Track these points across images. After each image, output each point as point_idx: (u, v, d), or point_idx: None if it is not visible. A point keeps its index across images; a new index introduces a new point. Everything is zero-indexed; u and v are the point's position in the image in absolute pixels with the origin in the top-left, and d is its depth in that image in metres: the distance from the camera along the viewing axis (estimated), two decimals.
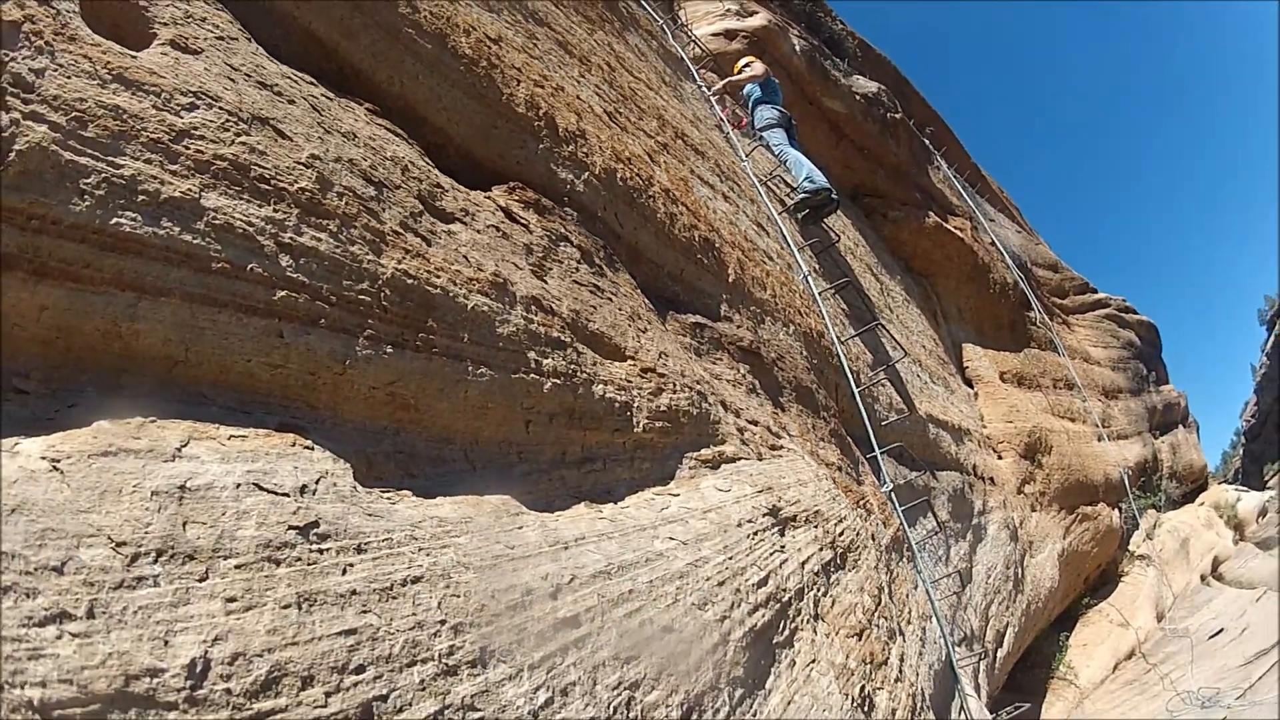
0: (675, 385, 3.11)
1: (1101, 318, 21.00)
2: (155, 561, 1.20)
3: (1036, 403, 11.90)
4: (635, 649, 2.02)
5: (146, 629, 1.13)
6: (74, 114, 1.42)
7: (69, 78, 1.44)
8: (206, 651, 1.16)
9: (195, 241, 1.56)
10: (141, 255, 1.48)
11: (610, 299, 3.15)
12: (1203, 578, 16.64)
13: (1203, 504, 22.05)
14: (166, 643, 1.13)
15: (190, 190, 1.58)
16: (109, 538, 1.17)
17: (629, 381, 2.85)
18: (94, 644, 1.06)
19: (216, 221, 1.61)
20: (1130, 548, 15.51)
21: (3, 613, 1.01)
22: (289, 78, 2.14)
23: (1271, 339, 62.34)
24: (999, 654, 8.43)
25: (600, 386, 2.68)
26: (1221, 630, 12.69)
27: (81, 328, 1.42)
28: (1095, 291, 21.74)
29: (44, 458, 1.22)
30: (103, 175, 1.44)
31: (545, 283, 2.75)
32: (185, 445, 1.41)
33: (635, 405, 2.83)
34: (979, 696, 6.99)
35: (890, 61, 14.25)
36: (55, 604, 1.07)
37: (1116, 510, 14.04)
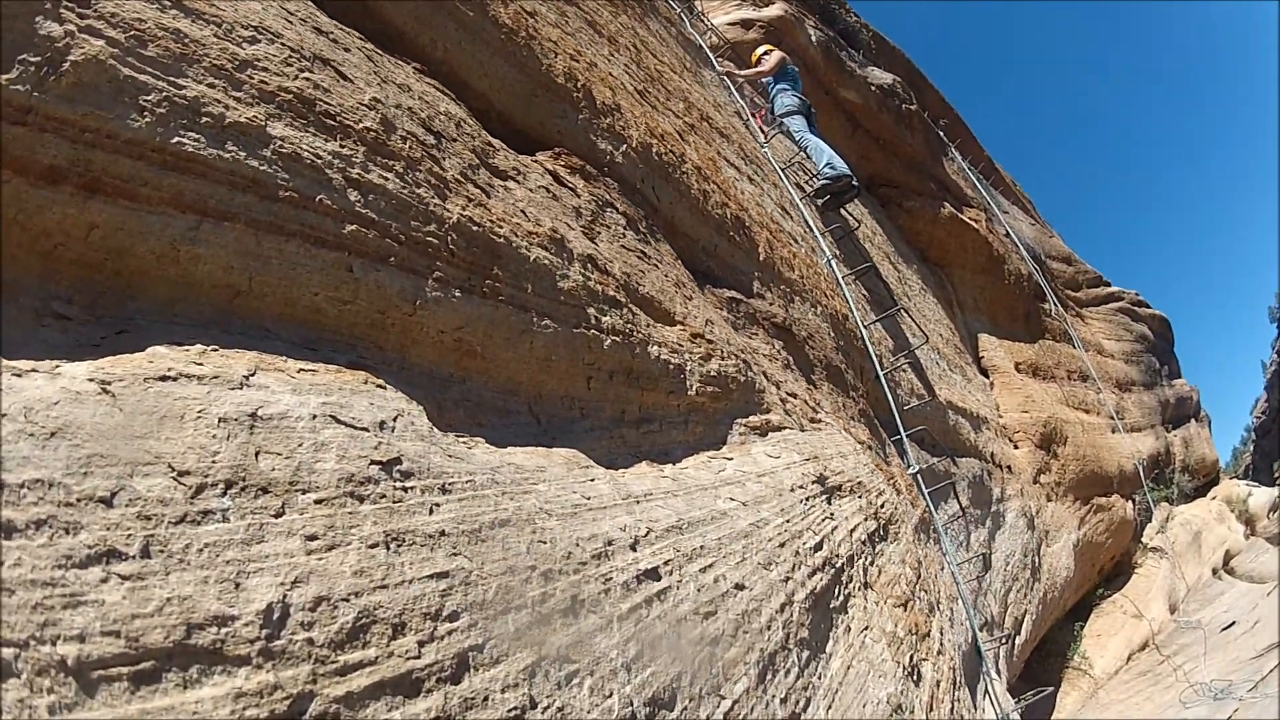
0: (723, 352, 3.12)
1: (1115, 311, 20.97)
2: (224, 494, 1.10)
3: (1051, 393, 11.89)
4: (713, 604, 2.02)
5: (214, 570, 1.02)
6: (133, 32, 1.37)
7: None
8: (285, 595, 1.06)
9: (262, 168, 1.52)
10: (205, 177, 1.43)
11: (656, 265, 3.16)
12: (1215, 571, 16.63)
13: (1214, 498, 22.05)
14: (238, 585, 1.03)
15: (256, 118, 1.55)
16: (169, 466, 1.06)
17: (680, 345, 2.86)
18: (149, 587, 0.94)
19: (284, 150, 1.58)
20: (1144, 540, 15.51)
21: (32, 552, 0.86)
22: (340, 28, 2.14)
23: None
24: (1017, 641, 8.45)
25: (655, 348, 2.69)
26: (1234, 623, 12.66)
27: (135, 249, 1.35)
28: (1109, 285, 21.70)
29: (91, 379, 1.10)
30: (164, 94, 1.39)
31: (596, 245, 2.76)
32: (253, 374, 1.32)
33: (688, 369, 2.83)
34: (1001, 680, 7.01)
35: (904, 54, 14.23)
36: (102, 540, 0.94)
37: (1130, 502, 14.03)
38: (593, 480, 2.00)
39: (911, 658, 3.38)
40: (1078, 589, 11.96)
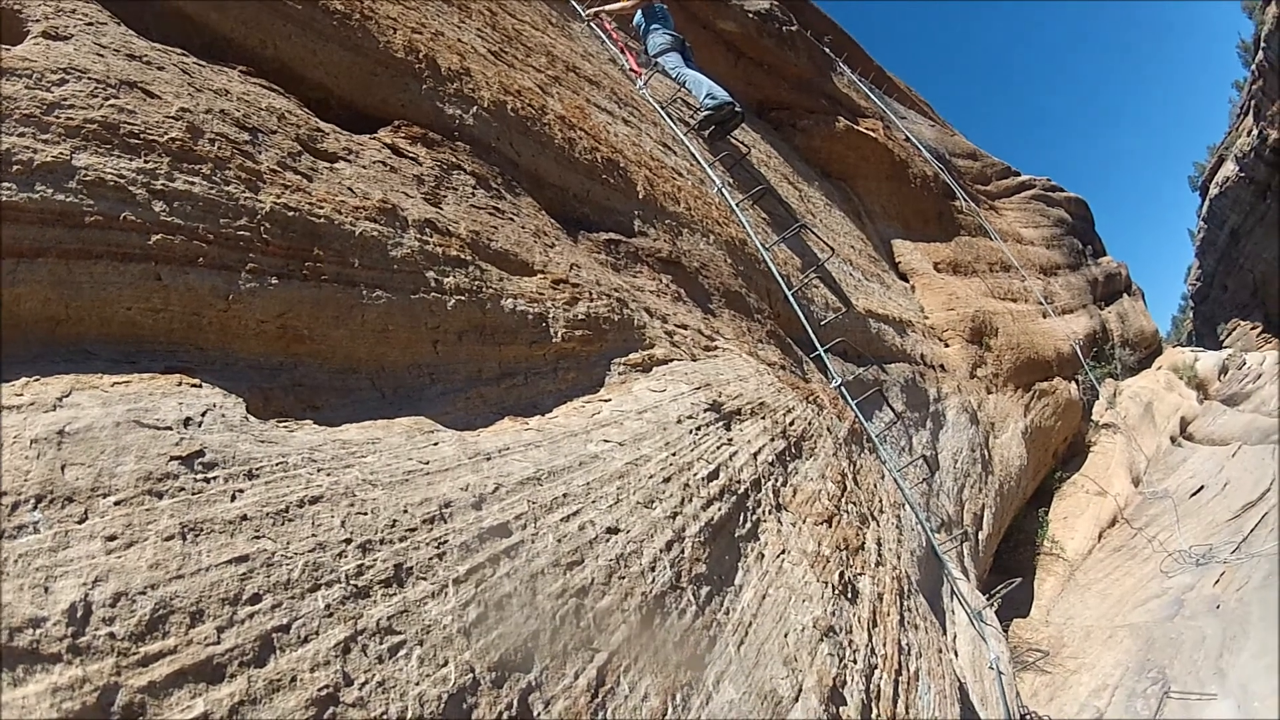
0: (591, 294, 3.02)
1: (1029, 199, 21.31)
2: (35, 508, 1.17)
3: (975, 288, 12.03)
4: (578, 554, 1.92)
5: (27, 577, 1.09)
6: None
7: None
8: (86, 595, 1.12)
9: (69, 200, 1.57)
10: (18, 221, 1.48)
11: (512, 219, 3.08)
12: (1173, 439, 17.10)
13: (1160, 368, 22.70)
14: (47, 589, 1.10)
15: (61, 154, 1.61)
16: None
17: (540, 294, 2.79)
18: None
19: (88, 178, 1.62)
20: (1094, 418, 15.87)
21: None
22: (158, 49, 2.15)
23: (1206, 204, 64.16)
24: (980, 536, 8.56)
25: (510, 300, 2.61)
26: (1202, 488, 13.02)
27: None
28: (1018, 174, 22.02)
29: None
30: None
31: (440, 208, 2.70)
32: (67, 395, 1.39)
33: (551, 316, 2.76)
34: (968, 579, 7.08)
35: None
36: None
37: (1074, 383, 14.33)
38: (435, 444, 1.90)
39: (843, 575, 3.32)
40: (1035, 475, 12.21)
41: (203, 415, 1.51)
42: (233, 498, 1.38)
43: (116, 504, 1.24)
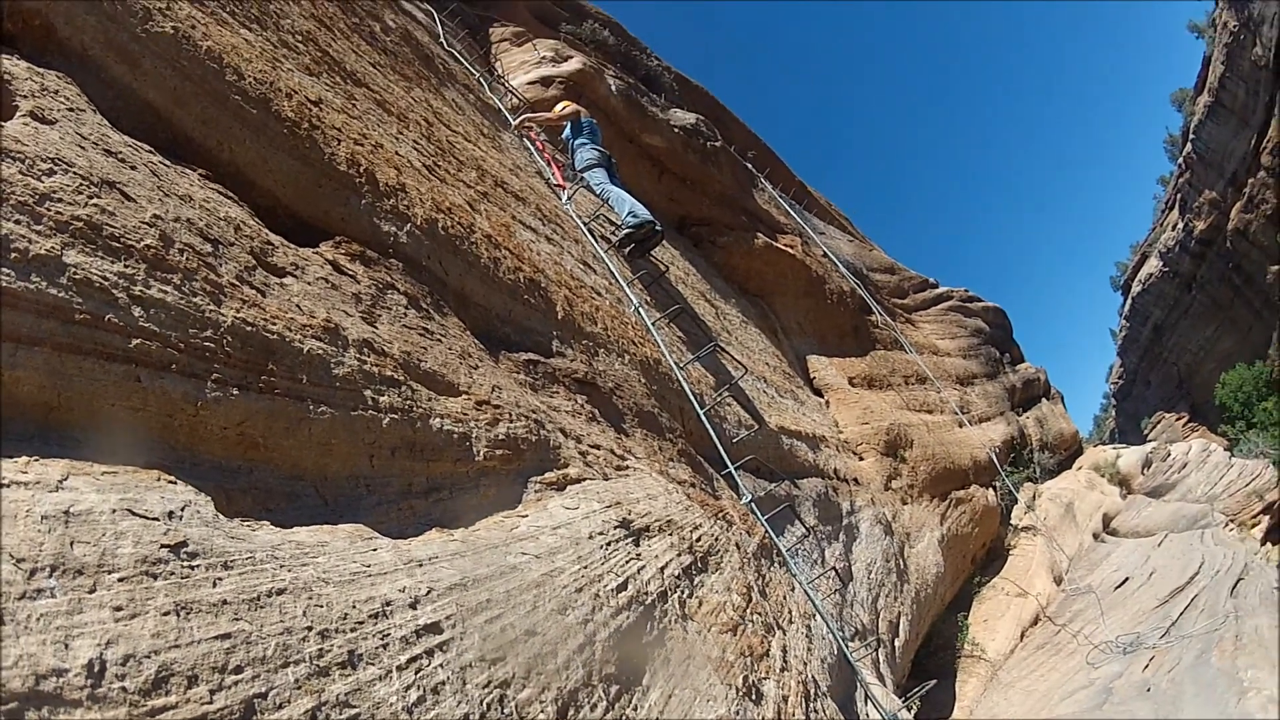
0: (511, 415, 3.42)
1: (946, 310, 22.46)
2: (50, 576, 1.40)
3: (890, 401, 12.72)
4: (500, 651, 2.30)
5: (49, 634, 1.31)
6: None
7: None
8: (102, 653, 1.36)
9: (60, 295, 1.79)
10: (16, 308, 1.69)
11: (440, 340, 3.45)
12: (1095, 536, 17.80)
13: (1081, 468, 23.65)
14: (67, 646, 1.32)
15: (54, 248, 1.83)
16: (10, 555, 1.37)
17: (465, 414, 3.16)
18: (7, 648, 1.25)
19: (77, 276, 1.85)
20: (1013, 522, 16.53)
21: None
22: (130, 145, 2.44)
23: (1128, 302, 67.40)
24: (897, 643, 8.94)
25: (438, 420, 2.98)
26: (1127, 579, 13.57)
27: None
28: (936, 286, 23.24)
29: None
30: None
31: (376, 328, 3.05)
32: (66, 479, 1.62)
33: (474, 435, 3.13)
34: (884, 684, 7.44)
35: (708, 91, 15.13)
36: None
37: (991, 489, 14.98)
38: (375, 550, 2.26)
39: (746, 679, 3.72)
40: (953, 581, 12.66)
41: (182, 510, 1.80)
42: (214, 584, 1.69)
43: (120, 580, 1.49)
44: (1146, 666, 9.59)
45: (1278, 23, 37.87)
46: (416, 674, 1.96)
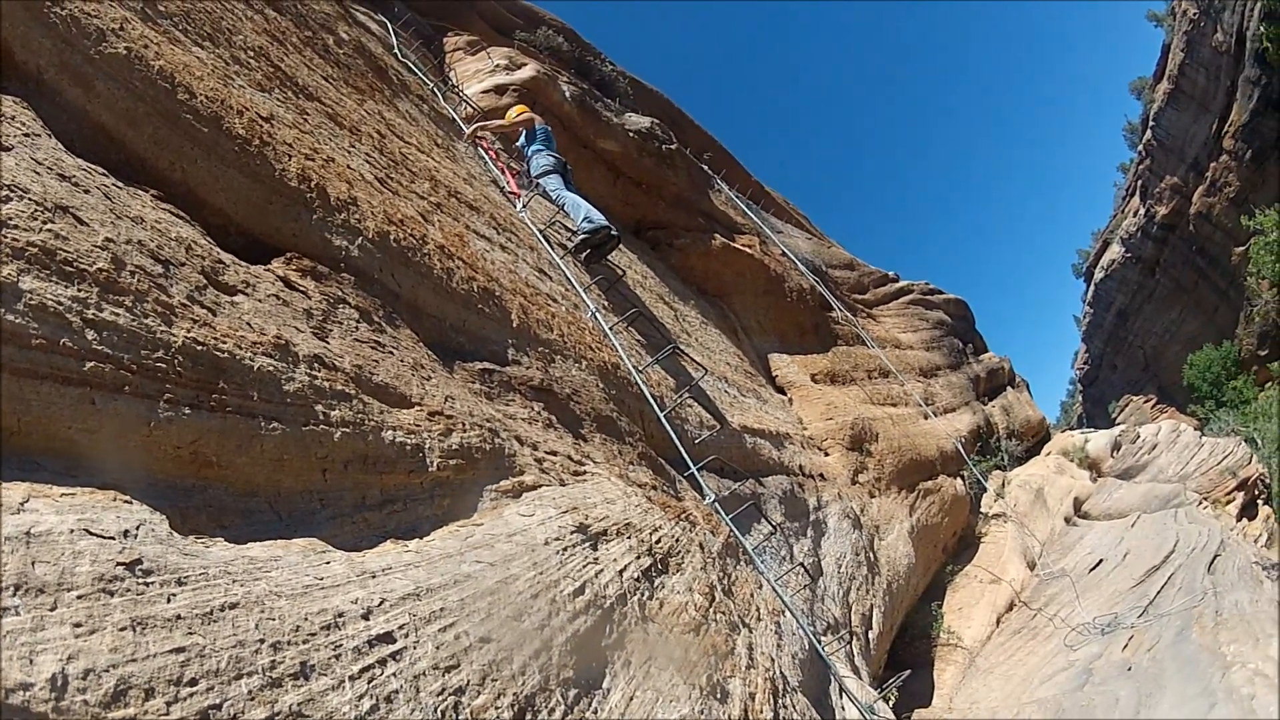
0: (465, 425, 3.48)
1: (907, 304, 22.72)
2: (15, 594, 1.46)
3: (854, 396, 12.88)
4: (455, 659, 2.36)
5: (16, 650, 1.38)
6: None
7: None
8: (64, 668, 1.43)
9: (18, 321, 1.85)
10: None
11: (393, 352, 3.51)
12: (1067, 520, 18.03)
13: (1049, 454, 23.96)
14: (32, 661, 1.39)
15: (11, 275, 1.89)
16: None
17: (418, 425, 3.21)
18: None
19: (33, 302, 1.91)
20: (983, 510, 16.75)
21: None
22: (84, 169, 2.51)
23: (1091, 288, 68.41)
24: (870, 635, 9.06)
25: (390, 432, 3.03)
26: (1101, 561, 13.77)
27: None
28: (896, 280, 23.51)
29: None
30: None
31: (327, 343, 3.10)
32: (27, 501, 1.68)
33: (427, 446, 3.19)
34: (859, 677, 7.53)
35: (662, 95, 15.24)
36: None
37: (959, 479, 15.18)
38: (328, 563, 2.32)
39: (711, 678, 3.78)
40: (925, 571, 12.83)
41: (137, 528, 1.86)
42: (168, 600, 1.74)
43: (79, 598, 1.56)
44: (1126, 646, 9.70)
45: (1239, 8, 38.80)
46: (369, 683, 2.02)
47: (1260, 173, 40.70)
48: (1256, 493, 17.07)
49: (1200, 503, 15.88)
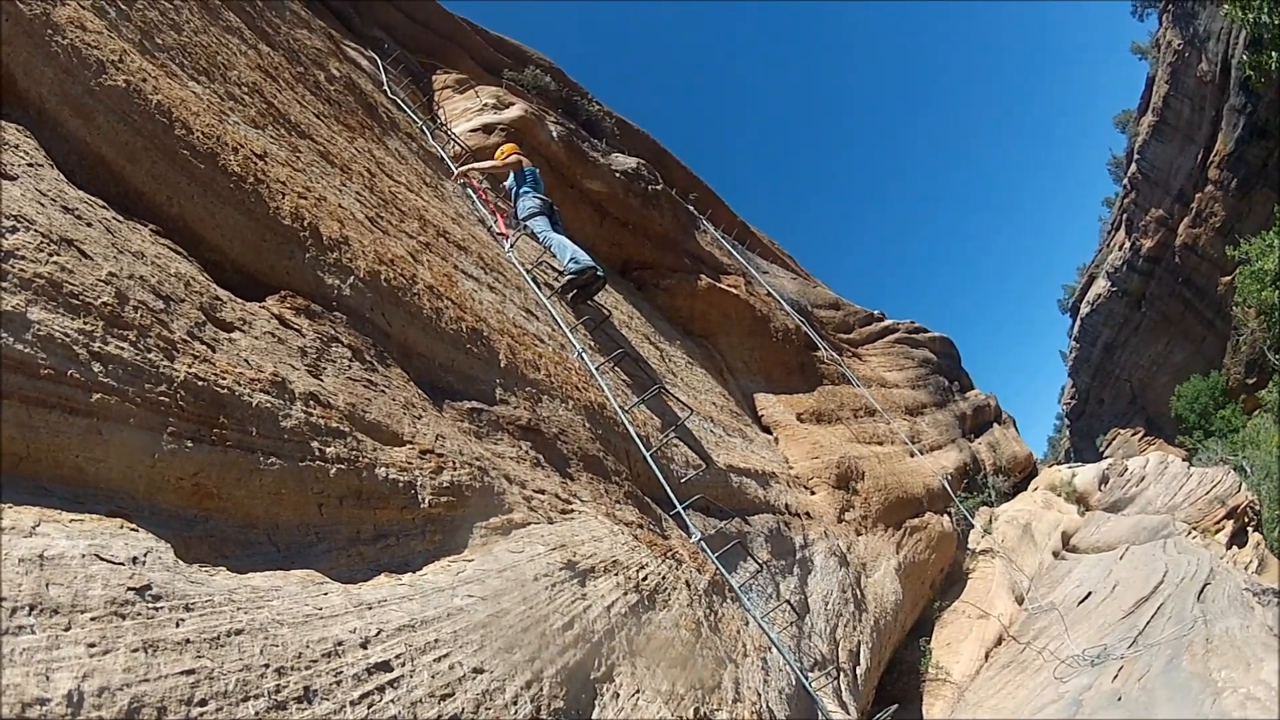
0: (455, 463, 3.59)
1: (892, 343, 22.94)
2: (30, 614, 1.54)
3: (840, 434, 13.00)
4: (449, 688, 2.47)
5: (33, 667, 1.46)
6: None
7: None
8: (79, 685, 1.50)
9: (27, 351, 1.93)
10: None
11: (384, 391, 3.62)
12: (1055, 554, 18.05)
13: (1037, 489, 24.02)
14: (48, 678, 1.47)
15: (19, 305, 1.97)
16: None
17: (410, 463, 3.32)
18: None
19: (41, 333, 1.99)
20: (971, 546, 16.83)
21: None
22: (85, 201, 2.60)
23: (1077, 323, 68.73)
24: (858, 671, 9.09)
25: (383, 469, 3.14)
26: (1090, 594, 13.75)
27: None
28: (882, 319, 23.74)
29: None
30: None
31: (321, 380, 3.21)
32: (38, 525, 1.76)
33: (419, 484, 3.30)
34: (847, 712, 7.59)
35: (648, 135, 15.52)
36: None
37: (946, 515, 15.26)
38: (326, 594, 2.42)
39: (698, 710, 3.89)
40: (913, 608, 12.88)
41: (145, 555, 1.94)
42: (177, 624, 1.83)
43: (92, 619, 1.63)
44: (1115, 676, 9.72)
45: (1224, 37, 39.43)
46: (370, 709, 2.12)
47: (1246, 201, 41.05)
48: (1246, 520, 17.13)
49: (1189, 532, 15.91)
